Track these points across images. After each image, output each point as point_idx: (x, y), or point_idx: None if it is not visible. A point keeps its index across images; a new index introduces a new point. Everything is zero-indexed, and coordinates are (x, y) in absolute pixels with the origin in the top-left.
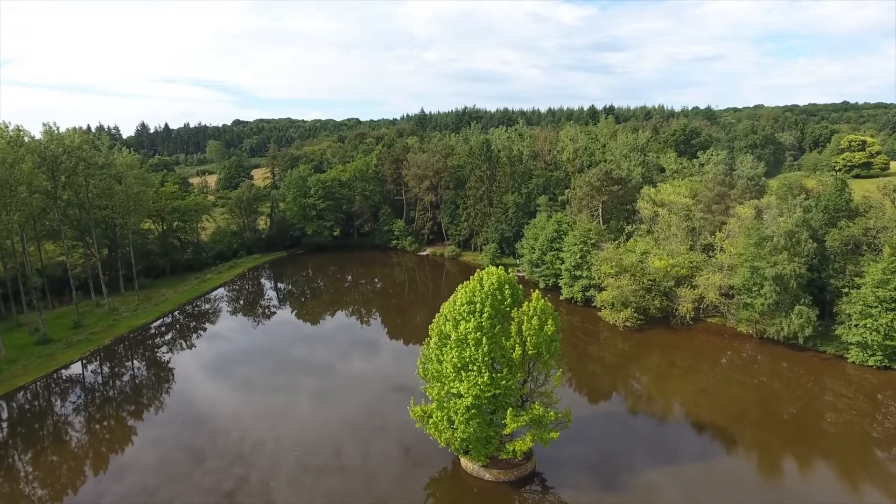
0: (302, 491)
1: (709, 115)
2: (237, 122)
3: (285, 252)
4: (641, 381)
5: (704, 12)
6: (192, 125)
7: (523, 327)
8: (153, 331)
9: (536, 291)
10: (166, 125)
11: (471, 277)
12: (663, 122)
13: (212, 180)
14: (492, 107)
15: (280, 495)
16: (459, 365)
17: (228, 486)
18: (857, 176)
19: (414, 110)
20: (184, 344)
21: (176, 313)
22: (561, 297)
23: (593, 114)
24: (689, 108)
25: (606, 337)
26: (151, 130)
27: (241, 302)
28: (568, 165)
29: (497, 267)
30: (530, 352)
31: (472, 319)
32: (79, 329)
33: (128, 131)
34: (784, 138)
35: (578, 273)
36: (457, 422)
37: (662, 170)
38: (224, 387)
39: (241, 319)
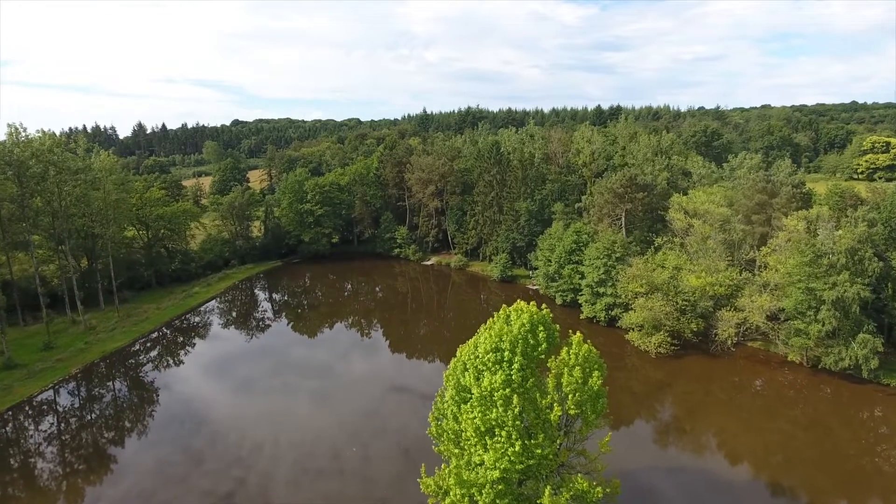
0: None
1: (718, 115)
2: (236, 123)
3: (280, 261)
4: (676, 414)
5: (706, 11)
6: (190, 125)
7: (563, 380)
8: (129, 354)
9: (578, 334)
10: (163, 125)
11: (494, 315)
12: (672, 122)
13: (207, 182)
14: (494, 107)
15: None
16: (483, 429)
17: None
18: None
19: (415, 110)
20: (162, 371)
21: (158, 332)
22: (581, 316)
23: (600, 114)
24: (696, 108)
25: (635, 363)
26: (148, 131)
27: (232, 319)
28: (584, 170)
29: (507, 276)
30: (571, 411)
31: (499, 371)
32: (49, 351)
33: (127, 132)
34: (799, 139)
35: (602, 290)
36: (480, 502)
37: (687, 174)
38: (211, 425)
39: (230, 342)
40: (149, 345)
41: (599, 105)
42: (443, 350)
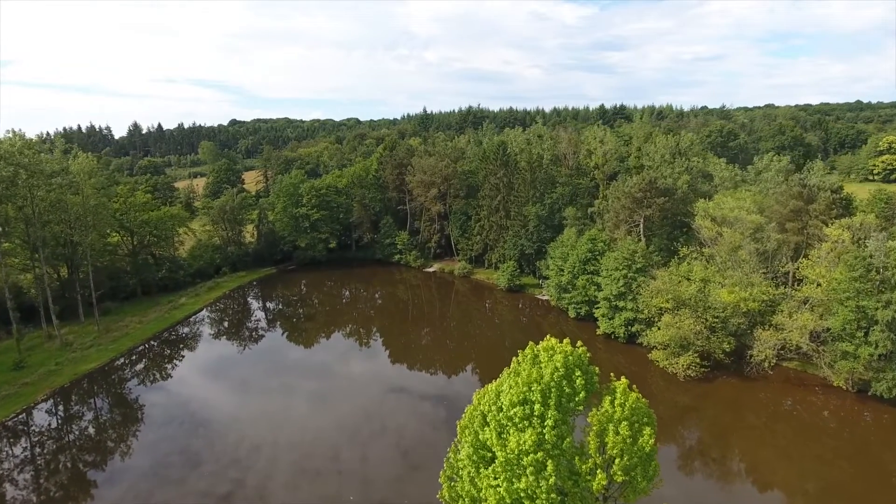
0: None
1: (723, 114)
2: (233, 122)
3: (275, 268)
4: (705, 440)
5: (707, 11)
6: (188, 126)
7: (607, 440)
8: (103, 376)
9: (623, 380)
10: (159, 125)
11: (519, 353)
12: (677, 121)
13: (201, 184)
14: (494, 106)
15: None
16: (509, 501)
17: None
18: None
19: (415, 110)
20: (144, 391)
21: (138, 350)
22: (598, 332)
23: (604, 113)
24: (699, 108)
25: (660, 385)
26: (144, 131)
27: (223, 330)
28: (596, 172)
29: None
30: (618, 477)
31: (529, 430)
32: (20, 371)
33: (123, 132)
34: (810, 139)
35: (621, 304)
36: None
37: (708, 177)
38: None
39: (216, 370)
40: (125, 365)
41: (603, 105)
42: (444, 360)
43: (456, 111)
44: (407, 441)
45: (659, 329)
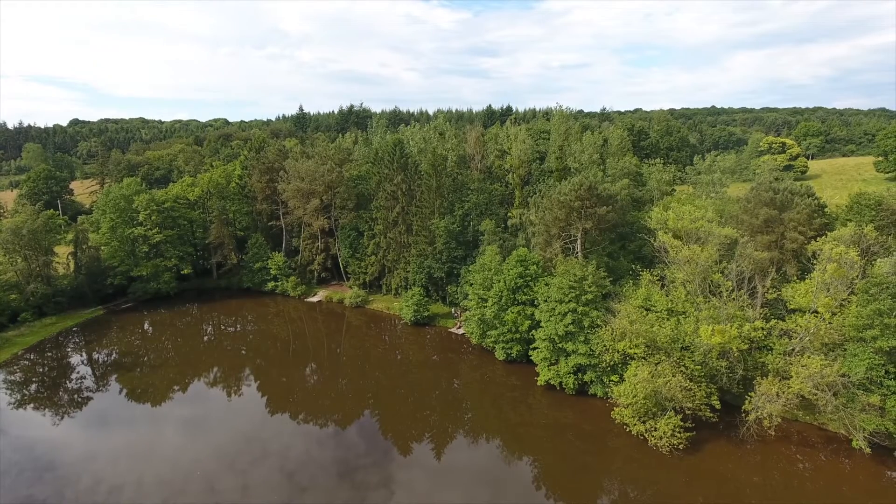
0: None
1: (605, 116)
2: (75, 122)
3: (102, 308)
4: None
5: (572, 21)
6: (11, 125)
7: None
8: None
9: None
10: None
11: None
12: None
13: (12, 197)
14: (376, 107)
15: None
16: None
17: None
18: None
19: (291, 111)
20: None
21: None
22: (538, 381)
23: (491, 114)
24: (576, 110)
25: (630, 457)
26: None
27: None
28: (511, 176)
29: None
30: None
31: None
32: None
33: None
34: (691, 140)
35: (569, 347)
36: None
37: (638, 181)
38: None
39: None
40: None
41: (490, 105)
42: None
43: (336, 112)
44: None
45: (628, 383)
